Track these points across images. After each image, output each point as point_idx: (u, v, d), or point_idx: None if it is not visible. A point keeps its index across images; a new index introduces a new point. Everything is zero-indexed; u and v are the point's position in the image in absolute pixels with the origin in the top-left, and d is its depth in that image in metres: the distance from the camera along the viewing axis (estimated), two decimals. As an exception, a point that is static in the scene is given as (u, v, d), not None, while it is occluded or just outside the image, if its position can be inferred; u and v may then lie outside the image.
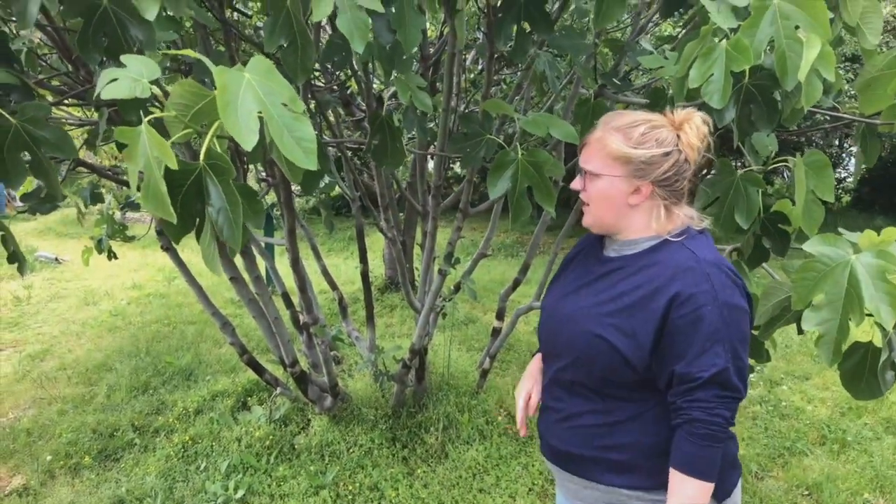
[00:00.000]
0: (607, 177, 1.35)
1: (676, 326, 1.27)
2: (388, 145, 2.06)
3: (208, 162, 1.05)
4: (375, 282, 6.64)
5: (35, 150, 1.39)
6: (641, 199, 1.35)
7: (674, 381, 1.30)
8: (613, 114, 1.41)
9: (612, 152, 1.33)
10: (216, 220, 1.06)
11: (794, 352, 4.99)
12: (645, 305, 1.30)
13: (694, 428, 1.27)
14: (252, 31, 3.71)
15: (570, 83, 3.10)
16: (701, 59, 1.33)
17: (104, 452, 3.43)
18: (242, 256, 3.22)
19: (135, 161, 0.97)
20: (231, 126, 0.92)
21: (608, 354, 1.33)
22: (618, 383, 1.36)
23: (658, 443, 1.36)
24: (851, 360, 1.53)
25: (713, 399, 1.26)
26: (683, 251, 1.33)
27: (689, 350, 1.26)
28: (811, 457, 3.42)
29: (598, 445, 1.40)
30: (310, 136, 0.97)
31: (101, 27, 1.36)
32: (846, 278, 1.34)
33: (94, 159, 4.15)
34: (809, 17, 1.27)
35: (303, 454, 3.29)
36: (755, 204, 1.61)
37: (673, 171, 1.32)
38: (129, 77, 0.99)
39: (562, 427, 1.47)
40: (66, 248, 9.38)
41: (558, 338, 1.46)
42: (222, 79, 0.93)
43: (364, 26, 1.30)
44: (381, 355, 3.63)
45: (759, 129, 1.48)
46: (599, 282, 1.42)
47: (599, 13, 1.59)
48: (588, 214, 1.43)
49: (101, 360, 4.78)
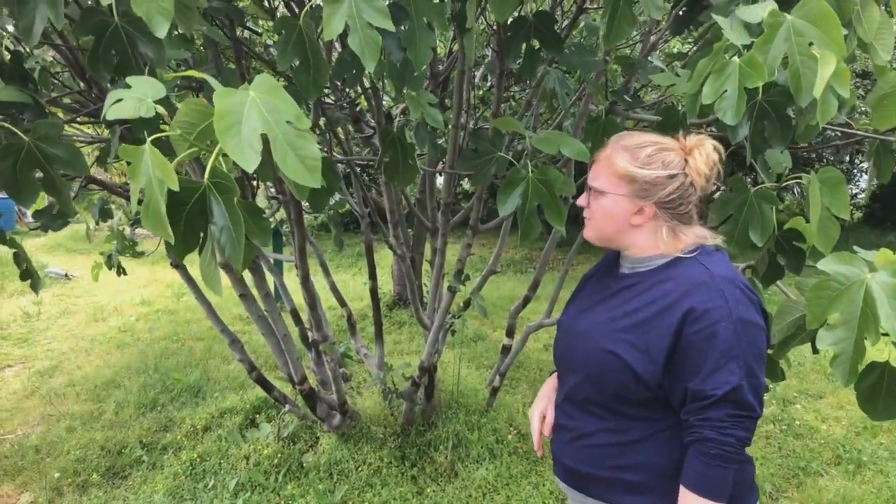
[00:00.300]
0: (612, 195, 1.37)
1: (690, 342, 1.25)
2: (399, 162, 2.06)
3: (212, 180, 1.05)
4: (384, 298, 6.64)
5: (47, 167, 1.40)
6: (644, 219, 1.36)
7: (687, 398, 1.27)
8: (625, 133, 1.41)
9: (618, 171, 1.35)
10: (219, 238, 1.06)
11: (808, 370, 4.94)
12: (658, 321, 1.29)
13: (706, 447, 1.25)
14: (262, 48, 3.74)
15: (580, 100, 3.10)
16: (714, 75, 1.32)
17: (112, 470, 3.41)
18: (252, 273, 3.22)
19: (137, 179, 0.97)
20: (231, 149, 0.92)
21: (620, 371, 1.32)
22: (630, 401, 1.35)
23: (672, 463, 1.33)
24: (868, 381, 1.50)
25: (726, 418, 1.24)
26: (697, 267, 1.32)
27: (702, 367, 1.24)
28: (826, 477, 3.37)
29: (612, 465, 1.39)
30: (314, 154, 0.97)
31: (111, 45, 1.37)
32: (861, 297, 1.32)
33: (105, 176, 4.18)
34: (823, 33, 1.25)
35: (311, 472, 3.27)
36: (769, 221, 1.60)
37: (677, 193, 1.33)
38: (134, 97, 0.99)
39: (574, 446, 1.46)
40: (75, 264, 9.43)
41: (572, 354, 1.46)
42: (222, 103, 0.93)
43: (375, 44, 1.30)
44: (390, 372, 3.61)
45: (772, 145, 1.46)
46: (614, 298, 1.42)
47: (610, 31, 1.59)
48: (588, 228, 1.46)
49: (110, 376, 4.78)
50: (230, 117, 0.93)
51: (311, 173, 0.97)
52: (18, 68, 1.70)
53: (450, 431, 3.52)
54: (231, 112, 0.94)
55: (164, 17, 1.17)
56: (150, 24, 1.17)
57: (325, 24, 1.26)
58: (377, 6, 1.28)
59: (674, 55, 5.23)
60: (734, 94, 1.29)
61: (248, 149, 0.93)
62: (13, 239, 2.09)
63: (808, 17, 1.27)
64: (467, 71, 2.54)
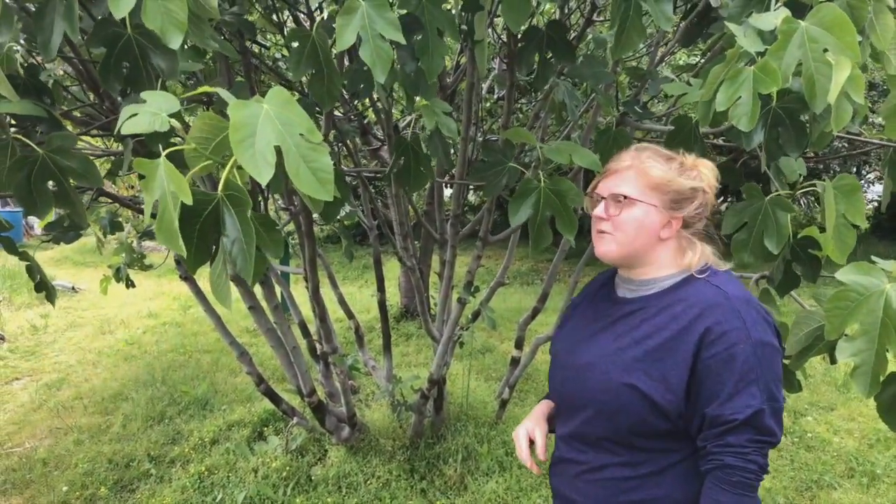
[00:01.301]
0: (644, 204, 1.29)
1: (707, 366, 1.20)
2: (411, 168, 2.05)
3: (226, 193, 1.05)
4: (391, 310, 6.62)
5: (62, 179, 1.40)
6: (671, 233, 1.31)
7: (704, 424, 1.21)
8: (643, 145, 1.38)
9: (653, 179, 1.29)
10: (230, 250, 1.06)
11: (819, 382, 4.90)
12: (674, 347, 1.23)
13: (726, 475, 1.19)
14: (272, 62, 3.76)
15: (588, 112, 3.10)
16: (728, 81, 1.31)
17: (120, 483, 3.40)
18: (261, 286, 3.22)
19: (151, 193, 0.97)
20: (245, 162, 0.92)
21: (638, 403, 1.24)
22: (648, 434, 1.27)
23: (691, 496, 1.27)
24: (888, 392, 1.48)
25: (747, 444, 1.18)
26: (709, 287, 1.27)
27: (721, 391, 1.18)
28: (840, 490, 3.33)
29: (625, 501, 1.30)
30: (327, 167, 0.97)
31: (123, 56, 1.37)
32: (881, 307, 1.30)
33: (112, 189, 4.19)
34: (838, 39, 1.25)
35: (320, 485, 3.25)
36: (784, 229, 1.58)
37: (700, 208, 1.32)
38: (149, 112, 0.99)
39: (583, 481, 1.37)
40: (82, 277, 9.45)
41: (578, 388, 1.36)
42: (237, 115, 0.93)
43: (386, 56, 1.30)
44: (399, 385, 3.59)
45: (787, 152, 1.46)
46: (618, 325, 1.34)
47: (619, 42, 1.59)
48: (610, 242, 1.33)
49: (117, 389, 4.78)
50: (245, 129, 0.93)
51: (324, 186, 0.97)
52: (34, 81, 1.70)
53: (459, 444, 3.50)
54: (245, 124, 0.94)
55: (177, 29, 1.17)
56: (163, 37, 1.17)
57: (338, 35, 1.27)
58: (389, 18, 1.29)
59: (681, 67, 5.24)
60: (749, 101, 1.29)
61: (262, 161, 0.93)
62: (26, 252, 2.10)
63: (822, 23, 1.26)
64: (476, 83, 2.55)
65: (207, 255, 1.10)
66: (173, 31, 1.17)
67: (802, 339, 1.62)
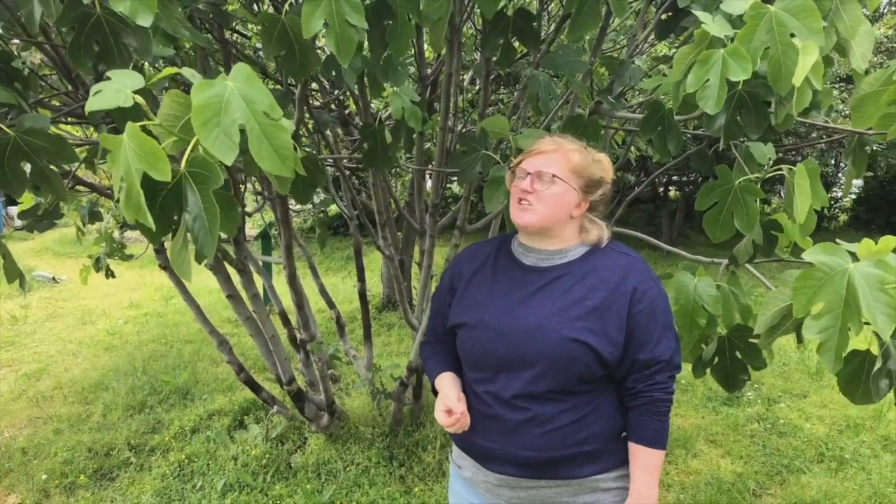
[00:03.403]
0: (565, 184, 1.46)
1: (636, 320, 1.42)
2: (377, 149, 2.08)
3: (189, 169, 1.05)
4: (373, 301, 6.64)
5: (35, 158, 1.39)
6: (580, 212, 1.50)
7: (635, 367, 1.44)
8: (561, 134, 1.56)
9: (574, 165, 1.46)
10: (192, 226, 1.06)
11: (792, 370, 4.98)
12: (610, 305, 1.42)
13: (657, 407, 1.44)
14: (252, 52, 3.75)
15: (567, 103, 3.13)
16: (699, 64, 1.34)
17: (100, 471, 3.40)
18: (240, 274, 3.22)
19: (117, 168, 0.98)
20: (209, 144, 0.93)
21: (587, 356, 1.40)
22: (588, 381, 1.44)
23: (616, 426, 1.49)
24: (849, 367, 1.52)
25: (667, 379, 1.45)
26: (620, 255, 1.50)
27: (650, 339, 1.43)
28: (809, 474, 3.40)
29: (573, 441, 1.45)
30: (286, 143, 0.99)
31: (93, 35, 1.37)
32: (845, 287, 1.33)
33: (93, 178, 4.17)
34: (804, 25, 1.29)
35: (299, 473, 3.27)
36: (754, 211, 1.63)
37: (603, 195, 1.53)
38: (113, 88, 1.00)
39: (531, 435, 1.45)
40: (63, 268, 9.38)
41: (529, 348, 1.43)
42: (201, 96, 0.94)
43: (350, 41, 1.31)
44: (379, 373, 3.61)
45: (747, 133, 1.50)
46: (548, 290, 1.48)
47: (574, 24, 1.67)
48: (531, 213, 1.47)
49: (98, 379, 4.76)
50: (208, 111, 0.95)
51: (284, 162, 0.99)
52: (5, 68, 1.70)
53: (438, 431, 3.52)
54: (209, 105, 0.95)
55: (147, 8, 1.18)
56: (131, 13, 1.17)
57: (304, 22, 1.28)
58: (354, 4, 1.30)
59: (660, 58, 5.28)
60: (716, 84, 1.32)
61: (226, 141, 0.94)
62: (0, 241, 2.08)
63: (789, 8, 1.30)
64: (454, 74, 2.56)
65: (169, 229, 1.11)
66: (143, 10, 1.18)
67: (770, 318, 1.65)
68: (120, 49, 1.36)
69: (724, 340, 1.89)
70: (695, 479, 3.36)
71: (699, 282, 1.77)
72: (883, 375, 1.48)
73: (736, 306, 1.81)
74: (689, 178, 10.69)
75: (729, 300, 1.80)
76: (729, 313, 1.80)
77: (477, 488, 1.59)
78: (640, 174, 9.62)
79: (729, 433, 3.89)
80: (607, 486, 1.50)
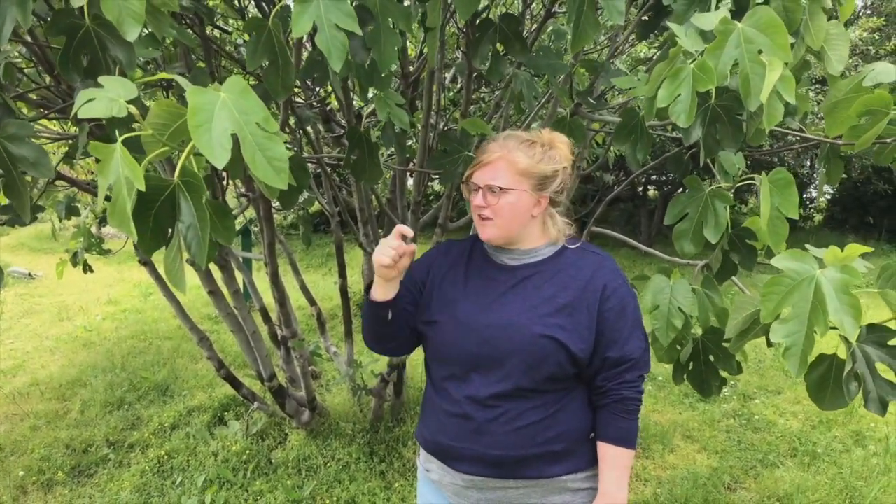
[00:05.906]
0: (516, 191, 1.45)
1: (606, 318, 1.44)
2: (366, 160, 2.09)
3: (182, 179, 1.06)
4: (354, 297, 6.62)
5: (11, 168, 1.37)
6: (540, 210, 1.50)
7: (605, 365, 1.46)
8: (505, 135, 1.51)
9: (520, 168, 1.45)
10: (185, 235, 1.08)
11: (767, 367, 5.07)
12: (580, 303, 1.44)
13: (625, 406, 1.46)
14: (233, 48, 3.74)
15: (549, 102, 3.16)
16: (669, 79, 1.37)
17: (78, 468, 3.39)
18: (221, 270, 3.22)
19: (106, 177, 0.98)
20: (203, 145, 0.94)
21: (558, 353, 1.42)
22: (559, 378, 1.45)
23: (586, 426, 1.51)
24: (817, 372, 1.56)
25: (636, 378, 1.47)
26: (589, 254, 1.53)
27: (620, 337, 1.44)
28: (783, 469, 3.48)
29: (542, 440, 1.46)
30: (281, 156, 1.00)
31: (82, 47, 1.37)
32: (812, 292, 1.37)
33: (71, 173, 4.13)
34: (771, 41, 1.32)
35: (280, 469, 3.28)
36: (723, 219, 1.67)
37: (562, 184, 1.51)
38: (107, 97, 1.01)
39: (501, 433, 1.45)
40: (39, 264, 9.26)
41: (503, 345, 1.44)
42: (195, 100, 0.95)
43: (342, 45, 1.32)
44: (360, 370, 3.63)
45: (724, 147, 1.53)
46: (519, 289, 1.49)
47: (575, 36, 1.64)
48: (492, 227, 1.48)
49: (75, 375, 4.73)
50: (202, 114, 0.96)
51: (279, 174, 1.00)
52: (-16, 61, 1.69)
53: (418, 428, 3.55)
54: (203, 109, 0.96)
55: (134, 21, 1.18)
56: (120, 28, 1.17)
57: (294, 23, 1.29)
58: (344, 8, 1.31)
59: (640, 59, 5.33)
60: (687, 98, 1.35)
61: (218, 146, 0.95)
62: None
63: (757, 25, 1.33)
64: (437, 72, 2.58)
65: (163, 240, 1.12)
66: (130, 23, 1.18)
67: (741, 322, 1.70)
68: (107, 62, 1.37)
69: (699, 344, 1.90)
70: (671, 473, 3.42)
71: (675, 284, 1.79)
72: (853, 378, 1.53)
73: (711, 308, 1.84)
74: (667, 178, 10.78)
75: (704, 303, 1.83)
76: (704, 315, 1.82)
77: (445, 491, 1.59)
78: (619, 173, 9.70)
79: (705, 429, 3.96)
80: (577, 486, 1.50)
